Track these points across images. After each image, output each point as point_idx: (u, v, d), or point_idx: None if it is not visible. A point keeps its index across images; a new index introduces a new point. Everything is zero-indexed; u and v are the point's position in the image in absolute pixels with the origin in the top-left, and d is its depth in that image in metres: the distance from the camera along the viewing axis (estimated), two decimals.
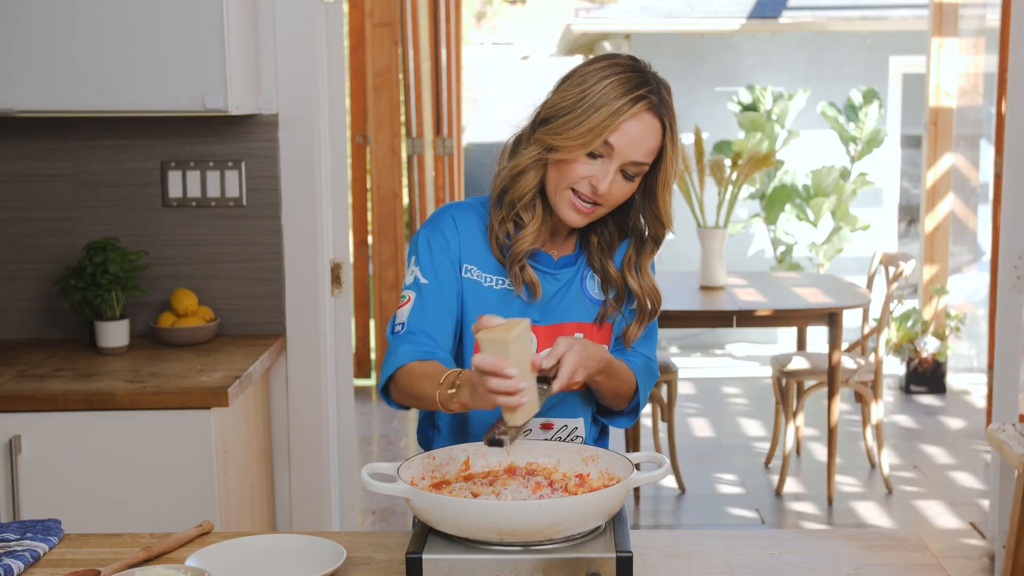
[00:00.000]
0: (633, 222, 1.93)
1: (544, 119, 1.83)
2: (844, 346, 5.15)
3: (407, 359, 1.80)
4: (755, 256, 8.89)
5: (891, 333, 6.55)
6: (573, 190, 1.82)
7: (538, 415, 1.90)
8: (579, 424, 1.93)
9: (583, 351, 1.74)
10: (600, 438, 2.04)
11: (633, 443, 4.65)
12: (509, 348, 1.57)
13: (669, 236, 1.96)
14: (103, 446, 2.59)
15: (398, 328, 1.86)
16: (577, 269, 1.95)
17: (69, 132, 3.12)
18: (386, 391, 1.85)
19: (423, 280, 1.88)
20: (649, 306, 1.96)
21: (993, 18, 6.65)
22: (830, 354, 4.64)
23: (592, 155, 1.80)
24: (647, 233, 1.93)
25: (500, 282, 1.90)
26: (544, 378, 1.71)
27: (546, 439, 1.91)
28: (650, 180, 1.87)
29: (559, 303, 1.92)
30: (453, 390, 1.66)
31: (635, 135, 1.78)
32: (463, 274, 1.90)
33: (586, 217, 1.85)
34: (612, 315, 1.95)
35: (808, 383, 5.20)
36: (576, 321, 1.92)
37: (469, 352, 1.90)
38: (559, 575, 1.52)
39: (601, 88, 1.78)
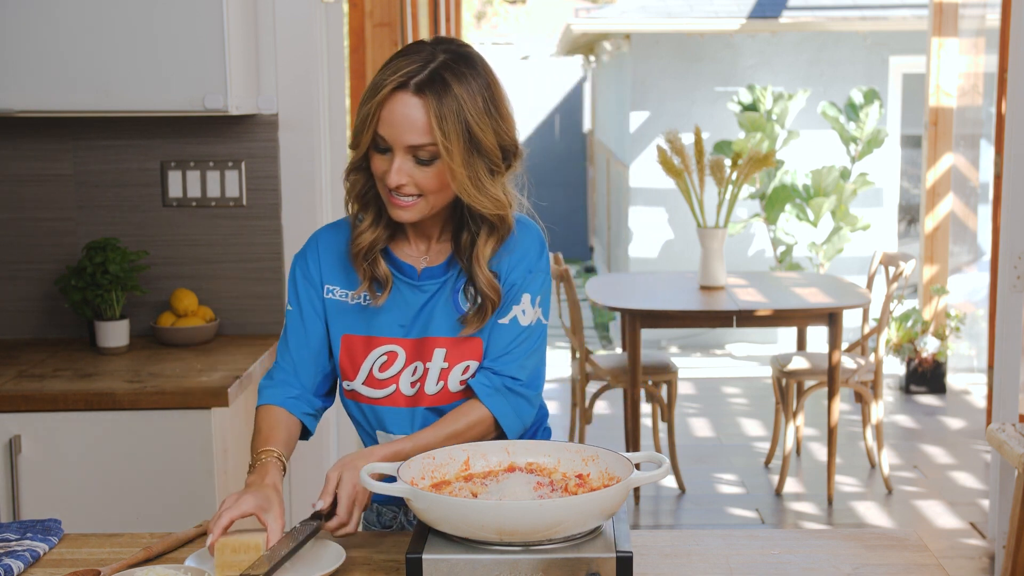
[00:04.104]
0: (469, 209, 1.82)
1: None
2: (844, 346, 5.15)
3: (268, 401, 1.90)
4: (755, 256, 8.89)
5: (891, 333, 6.54)
6: (385, 185, 1.79)
7: (407, 430, 1.88)
8: None
9: (354, 474, 1.73)
10: (535, 433, 2.01)
11: (633, 443, 4.65)
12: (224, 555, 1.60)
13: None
14: (103, 446, 2.59)
15: (278, 355, 1.94)
16: (446, 281, 1.86)
17: (69, 132, 3.12)
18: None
19: (288, 307, 1.93)
20: (487, 299, 1.82)
21: (993, 18, 6.65)
22: (830, 354, 4.64)
23: (379, 149, 1.77)
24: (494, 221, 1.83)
25: (366, 297, 1.87)
26: (317, 514, 1.71)
27: None
28: None
29: (426, 316, 1.86)
30: (251, 466, 1.79)
31: (395, 119, 1.73)
32: (326, 295, 1.90)
33: (409, 211, 1.78)
34: (475, 319, 1.84)
35: (808, 383, 5.20)
36: (440, 336, 1.85)
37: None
38: (559, 575, 1.52)
39: (371, 81, 1.77)
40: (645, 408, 5.89)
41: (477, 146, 1.75)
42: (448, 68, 1.75)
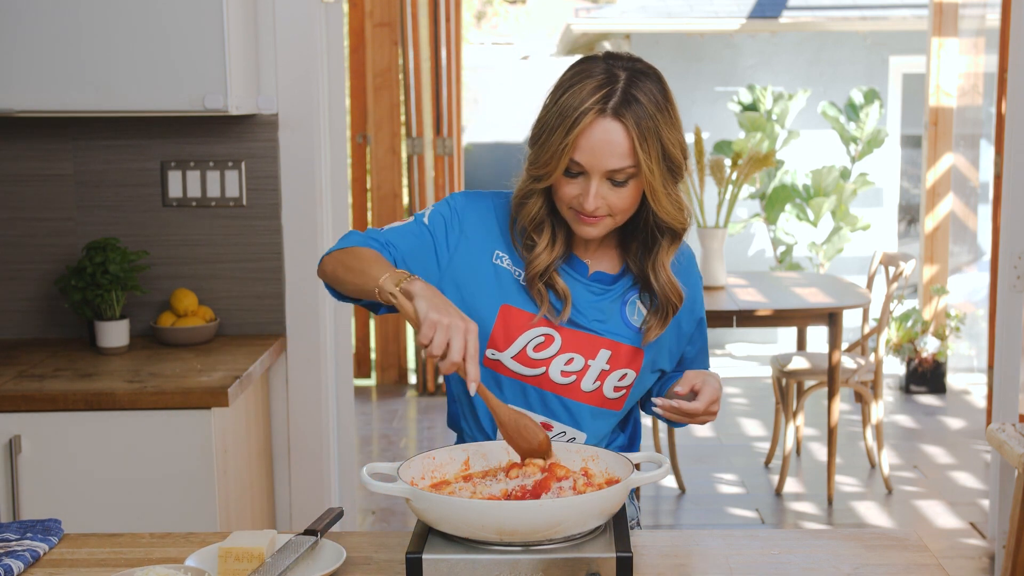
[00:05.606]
0: (648, 218, 1.84)
1: (530, 144, 1.80)
2: (844, 346, 5.15)
3: (363, 244, 1.80)
4: (755, 256, 8.88)
5: (891, 333, 6.54)
6: (572, 208, 1.80)
7: (545, 414, 1.88)
8: (579, 437, 1.90)
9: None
10: (629, 448, 2.04)
11: None
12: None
13: (694, 240, 1.93)
14: (103, 446, 2.59)
15: (377, 232, 1.86)
16: (615, 289, 1.89)
17: (69, 132, 3.12)
18: (323, 263, 1.83)
19: (426, 222, 1.87)
20: (669, 303, 1.88)
21: (993, 18, 6.65)
22: (830, 354, 4.63)
23: (571, 174, 1.76)
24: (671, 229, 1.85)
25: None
26: (312, 530, 1.68)
27: None
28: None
29: (593, 313, 1.87)
30: (398, 288, 1.64)
31: (596, 146, 1.72)
32: (494, 260, 1.87)
33: (599, 228, 1.80)
34: (657, 323, 1.88)
35: (808, 383, 5.20)
36: (610, 338, 1.87)
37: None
38: (559, 575, 1.52)
39: (557, 107, 1.73)
40: None
41: (669, 160, 1.76)
42: (635, 86, 1.73)
